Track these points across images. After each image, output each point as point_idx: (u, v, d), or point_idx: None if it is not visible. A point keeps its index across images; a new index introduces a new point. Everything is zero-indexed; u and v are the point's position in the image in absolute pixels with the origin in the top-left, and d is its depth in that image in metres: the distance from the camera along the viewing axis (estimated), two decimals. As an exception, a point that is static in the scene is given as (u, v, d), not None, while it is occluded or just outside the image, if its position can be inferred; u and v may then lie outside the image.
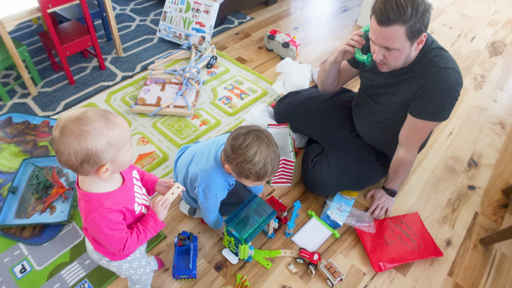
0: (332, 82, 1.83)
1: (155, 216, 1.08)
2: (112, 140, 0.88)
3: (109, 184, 0.99)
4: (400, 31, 1.27)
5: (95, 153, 0.86)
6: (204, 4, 2.71)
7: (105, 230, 0.97)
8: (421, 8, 1.24)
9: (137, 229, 1.05)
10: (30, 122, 2.19)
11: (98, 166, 0.89)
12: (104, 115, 0.88)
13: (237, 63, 2.74)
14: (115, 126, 0.88)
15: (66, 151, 0.84)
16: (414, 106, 1.48)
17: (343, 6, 3.68)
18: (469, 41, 3.26)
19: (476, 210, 1.89)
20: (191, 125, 2.22)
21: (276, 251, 1.63)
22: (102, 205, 0.95)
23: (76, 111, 0.87)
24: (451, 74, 1.38)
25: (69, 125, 0.84)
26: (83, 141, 0.83)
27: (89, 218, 0.96)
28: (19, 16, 2.05)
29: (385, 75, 1.58)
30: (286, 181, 1.90)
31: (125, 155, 0.94)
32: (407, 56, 1.39)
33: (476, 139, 2.30)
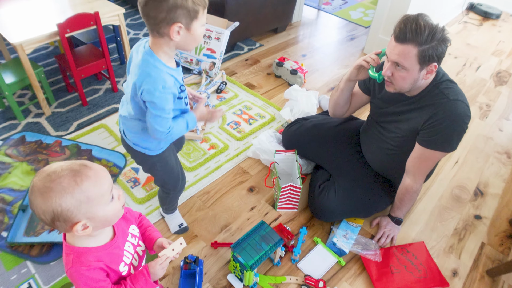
0: (344, 104, 1.86)
1: (148, 276, 0.99)
2: (80, 196, 0.81)
3: (94, 239, 0.93)
4: (412, 51, 1.32)
5: (61, 211, 0.80)
6: (216, 32, 2.80)
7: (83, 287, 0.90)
8: (437, 36, 1.30)
9: (124, 286, 0.98)
10: (43, 141, 2.24)
11: (71, 223, 0.83)
12: (76, 169, 0.82)
13: (246, 89, 2.80)
14: (84, 180, 0.81)
15: (35, 210, 0.81)
16: (422, 135, 1.51)
17: (350, 35, 3.76)
18: (474, 70, 3.31)
19: (483, 241, 1.88)
20: (199, 148, 2.26)
21: (281, 277, 1.63)
22: (80, 261, 0.89)
23: (51, 167, 0.83)
24: (460, 106, 1.42)
25: (37, 182, 0.81)
26: (48, 199, 0.79)
27: (68, 273, 0.90)
28: (38, 39, 2.13)
29: (395, 104, 1.62)
30: (292, 206, 1.91)
31: (104, 209, 0.86)
32: (414, 81, 1.42)
33: (482, 168, 2.31)
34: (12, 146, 2.19)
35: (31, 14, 2.30)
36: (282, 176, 2.05)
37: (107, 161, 2.13)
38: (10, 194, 1.92)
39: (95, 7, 2.37)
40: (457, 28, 4.04)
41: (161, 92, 1.15)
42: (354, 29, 3.90)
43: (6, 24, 2.18)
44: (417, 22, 1.30)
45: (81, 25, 2.23)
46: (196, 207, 1.92)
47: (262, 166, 2.19)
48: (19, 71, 2.31)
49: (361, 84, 1.81)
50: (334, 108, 1.92)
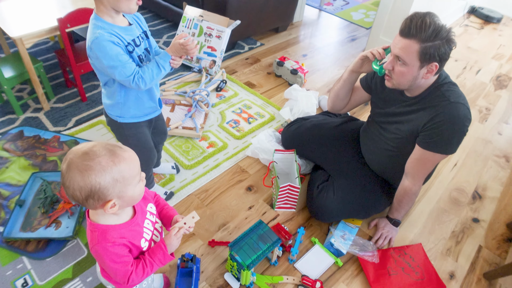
0: (344, 97, 1.84)
1: (165, 248, 1.05)
2: (117, 176, 0.86)
3: (117, 217, 0.98)
4: (414, 46, 1.33)
5: (99, 189, 0.85)
6: (217, 30, 2.79)
7: (108, 262, 0.95)
8: (441, 35, 1.30)
9: (143, 261, 1.03)
10: (41, 136, 2.23)
11: (104, 201, 0.88)
12: (112, 149, 0.87)
13: (246, 88, 2.79)
14: (121, 161, 0.87)
15: (71, 186, 0.85)
16: (422, 137, 1.51)
17: (351, 36, 3.76)
18: (474, 73, 3.31)
19: (480, 244, 1.88)
20: (198, 146, 2.25)
21: (278, 277, 1.63)
22: (105, 238, 0.94)
23: (84, 146, 0.87)
24: (461, 109, 1.42)
25: (75, 160, 0.84)
26: (87, 177, 0.83)
27: (93, 250, 0.95)
28: (39, 34, 2.12)
29: (396, 104, 1.62)
30: (290, 206, 1.91)
31: (133, 190, 0.92)
32: (412, 78, 1.42)
33: (480, 172, 2.31)
34: (10, 141, 2.17)
35: (32, 8, 2.29)
36: (280, 175, 2.05)
37: (105, 158, 2.12)
38: (7, 189, 1.91)
39: (96, 3, 2.35)
40: (458, 31, 4.04)
41: (100, 43, 1.24)
42: (355, 30, 3.90)
43: (6, 18, 2.17)
44: (423, 19, 1.30)
45: (81, 20, 2.22)
46: (194, 205, 1.92)
47: (261, 166, 2.18)
48: (19, 65, 2.30)
49: (363, 81, 1.82)
50: (334, 100, 1.90)
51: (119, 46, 1.28)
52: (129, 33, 1.34)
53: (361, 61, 1.67)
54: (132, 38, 1.34)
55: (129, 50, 1.33)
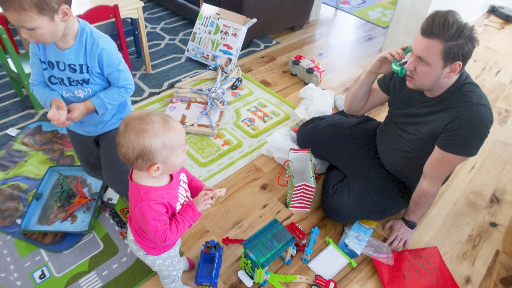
0: (361, 98, 1.83)
1: (193, 205, 1.13)
2: (167, 142, 0.96)
3: (157, 181, 1.07)
4: (437, 46, 1.31)
5: (150, 150, 0.94)
6: (233, 28, 2.80)
7: (150, 220, 1.03)
8: (465, 34, 1.28)
9: (175, 220, 1.10)
10: (59, 131, 2.27)
11: (151, 163, 0.97)
12: (164, 118, 0.97)
13: (261, 86, 2.79)
14: (171, 130, 0.97)
15: (125, 145, 0.94)
16: (443, 139, 1.48)
17: (368, 35, 3.72)
18: (493, 74, 3.25)
19: (498, 248, 1.85)
20: (213, 144, 2.26)
21: (291, 276, 1.62)
22: (149, 196, 1.03)
23: (141, 111, 0.98)
24: (483, 110, 1.39)
25: (132, 122, 0.94)
26: (141, 138, 0.93)
27: (137, 207, 1.03)
28: (58, 31, 2.15)
29: (416, 105, 1.59)
30: (305, 206, 1.90)
31: (177, 158, 1.02)
32: (436, 78, 1.40)
33: (499, 175, 2.27)
34: (29, 135, 2.22)
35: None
36: (295, 175, 2.04)
37: (122, 153, 2.14)
38: (26, 182, 1.94)
39: (115, 0, 2.38)
40: (478, 31, 3.95)
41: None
42: (372, 29, 3.86)
43: (27, 14, 2.20)
44: (446, 18, 1.28)
45: (100, 17, 2.25)
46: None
47: (276, 164, 2.18)
48: (38, 61, 2.34)
49: (381, 82, 1.80)
50: (351, 102, 1.88)
51: (35, 54, 1.31)
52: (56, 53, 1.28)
53: (379, 62, 1.65)
54: (58, 60, 1.28)
55: (43, 68, 1.32)
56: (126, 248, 1.69)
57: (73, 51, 1.26)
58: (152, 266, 1.30)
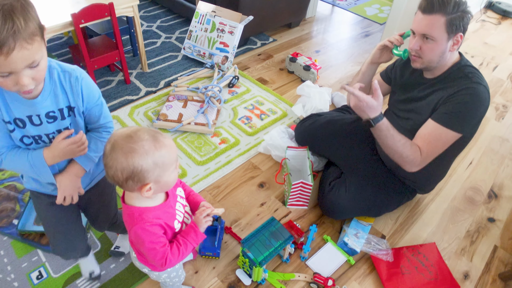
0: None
1: (195, 227, 1.09)
2: (158, 161, 0.90)
3: (152, 201, 1.02)
4: (441, 20, 1.37)
5: (140, 171, 0.88)
6: (229, 25, 2.78)
7: (147, 243, 0.99)
8: (462, 7, 1.36)
9: (177, 242, 1.06)
10: (55, 131, 2.25)
11: (142, 184, 0.91)
12: (154, 135, 0.91)
13: (258, 84, 2.78)
14: (162, 147, 0.91)
15: (113, 166, 0.88)
16: (438, 111, 1.48)
17: (365, 32, 3.71)
18: (491, 70, 3.25)
19: (496, 244, 1.85)
20: (210, 142, 2.25)
21: (290, 274, 1.62)
22: (143, 218, 0.98)
23: (128, 129, 0.91)
24: (482, 90, 1.41)
25: (119, 141, 0.88)
26: (130, 158, 0.87)
27: (132, 231, 0.99)
28: (53, 29, 2.14)
29: (417, 88, 1.61)
30: (303, 204, 1.90)
31: (170, 176, 0.96)
32: (441, 53, 1.44)
33: (496, 170, 2.27)
34: (25, 135, 2.20)
35: (46, 3, 2.31)
36: (293, 172, 2.04)
37: (118, 153, 2.13)
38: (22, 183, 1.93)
39: (110, -2, 2.37)
40: (475, 27, 3.96)
41: None
42: (369, 25, 3.85)
43: (21, 14, 2.19)
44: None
45: (95, 16, 2.23)
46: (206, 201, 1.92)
47: (273, 162, 2.17)
48: (34, 60, 2.32)
49: (383, 74, 1.84)
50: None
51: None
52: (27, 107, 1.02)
53: (379, 51, 1.69)
54: (31, 115, 1.03)
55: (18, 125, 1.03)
56: (124, 248, 1.69)
57: (46, 95, 1.02)
58: (158, 279, 1.29)
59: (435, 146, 1.48)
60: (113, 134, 0.91)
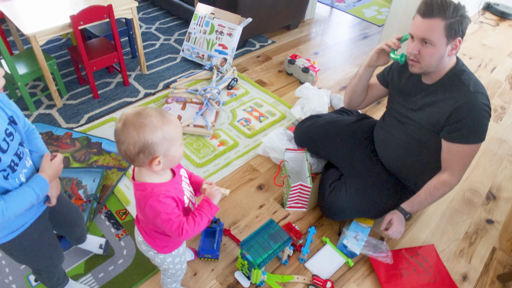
0: (361, 92, 1.83)
1: (209, 200, 1.15)
2: (166, 135, 0.96)
3: (161, 177, 1.08)
4: (440, 24, 1.36)
5: (151, 144, 0.94)
6: (228, 27, 2.79)
7: (163, 214, 1.03)
8: (461, 12, 1.36)
9: (192, 214, 1.11)
10: (54, 133, 2.26)
11: (152, 157, 0.97)
12: (160, 112, 0.98)
13: (257, 86, 2.78)
14: (169, 123, 0.98)
15: (126, 141, 0.94)
16: (447, 131, 1.50)
17: (363, 33, 3.72)
18: (489, 71, 3.25)
19: (494, 245, 1.85)
20: (209, 145, 2.25)
21: (289, 276, 1.62)
22: (155, 192, 1.03)
23: (136, 108, 0.97)
24: (481, 98, 1.43)
25: (130, 118, 0.94)
26: (142, 133, 0.93)
27: (147, 205, 1.03)
28: (52, 31, 2.14)
29: (415, 95, 1.61)
30: (301, 206, 1.90)
31: (177, 150, 1.02)
32: (440, 57, 1.43)
33: (495, 172, 2.27)
34: (24, 137, 2.20)
35: (45, 5, 2.31)
36: (291, 174, 2.04)
37: (117, 155, 2.13)
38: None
39: (109, 0, 2.37)
40: (473, 28, 3.97)
41: None
42: (367, 27, 3.86)
43: (20, 15, 2.19)
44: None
45: (94, 18, 2.24)
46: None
47: (272, 164, 2.17)
48: (32, 62, 2.32)
49: (380, 76, 1.82)
50: (350, 97, 1.88)
51: None
52: None
53: (376, 54, 1.68)
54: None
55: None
56: (122, 250, 1.68)
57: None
58: (161, 265, 1.31)
59: (464, 163, 1.55)
60: (123, 113, 0.97)
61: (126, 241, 1.72)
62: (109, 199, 1.91)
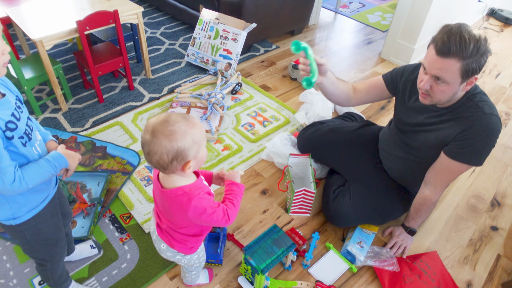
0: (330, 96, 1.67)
1: (233, 182, 1.22)
2: (195, 138, 0.99)
3: (189, 179, 1.12)
4: (456, 65, 1.26)
5: (183, 150, 0.97)
6: (233, 33, 2.80)
7: (208, 209, 1.08)
8: (482, 50, 1.24)
9: (228, 199, 1.18)
10: (59, 136, 2.27)
11: (185, 161, 1.00)
12: (184, 116, 1.01)
13: (261, 91, 2.79)
14: (195, 125, 1.00)
15: (158, 151, 0.96)
16: (452, 147, 1.46)
17: (367, 39, 3.73)
18: (493, 77, 3.25)
19: (499, 252, 1.84)
20: (213, 149, 2.26)
21: (292, 282, 1.62)
22: (194, 191, 1.07)
23: (160, 116, 1.00)
24: (495, 122, 1.38)
25: (158, 127, 0.96)
26: (174, 141, 0.96)
27: (191, 206, 1.06)
28: (58, 36, 2.16)
29: (425, 114, 1.56)
30: (305, 211, 1.90)
31: (203, 151, 1.06)
32: (453, 94, 1.37)
33: (499, 178, 2.26)
34: (29, 141, 2.21)
35: (52, 10, 2.33)
36: (295, 180, 2.04)
37: (121, 159, 2.14)
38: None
39: (114, 6, 2.39)
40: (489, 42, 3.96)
41: None
42: (371, 33, 3.86)
43: (26, 20, 2.22)
44: (461, 35, 1.22)
45: (100, 23, 2.25)
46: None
47: (276, 169, 2.17)
48: (38, 66, 2.34)
49: (388, 78, 1.71)
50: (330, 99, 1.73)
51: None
52: (5, 106, 0.99)
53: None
54: (11, 112, 1.00)
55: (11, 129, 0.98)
56: (126, 254, 1.69)
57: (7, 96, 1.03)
58: (187, 264, 1.37)
59: (449, 178, 1.57)
60: (148, 123, 0.99)
61: (130, 245, 1.72)
62: (113, 203, 1.91)
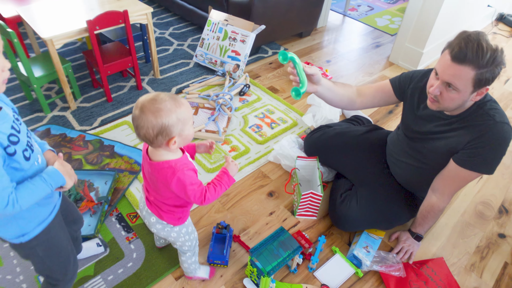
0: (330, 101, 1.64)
1: (227, 172, 1.27)
2: (180, 116, 1.07)
3: (175, 154, 1.18)
4: (470, 73, 1.24)
5: (167, 126, 1.05)
6: (241, 34, 2.81)
7: (188, 185, 1.15)
8: (498, 60, 1.22)
9: (213, 183, 1.24)
10: (67, 135, 2.28)
11: (169, 137, 1.08)
12: (172, 96, 1.08)
13: (269, 92, 2.79)
14: (181, 105, 1.08)
15: (145, 126, 1.05)
16: (462, 155, 1.44)
17: (376, 42, 3.72)
18: (502, 83, 3.23)
19: (506, 260, 1.83)
20: (220, 150, 2.26)
21: (297, 285, 1.61)
22: (178, 166, 1.14)
23: (149, 94, 1.08)
24: (507, 130, 1.36)
25: (146, 104, 1.05)
26: (159, 117, 1.04)
27: (175, 179, 1.13)
28: (68, 35, 2.18)
29: (434, 122, 1.55)
30: (312, 214, 1.89)
31: (189, 130, 1.13)
32: (462, 102, 1.35)
33: (507, 185, 2.24)
34: (38, 138, 2.23)
35: (62, 10, 2.35)
36: (302, 182, 2.04)
37: (129, 158, 2.15)
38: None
39: (124, 6, 2.40)
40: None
41: None
42: (380, 36, 3.85)
43: (37, 19, 2.23)
44: (479, 43, 1.20)
45: (110, 23, 2.27)
46: (215, 209, 1.92)
47: (283, 171, 2.17)
48: (48, 65, 2.36)
49: (395, 83, 1.68)
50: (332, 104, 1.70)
51: None
52: (4, 120, 0.97)
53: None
54: (10, 125, 0.98)
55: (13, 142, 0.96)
56: (132, 253, 1.69)
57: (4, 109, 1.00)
58: (178, 239, 1.39)
59: (457, 185, 1.56)
60: (138, 100, 1.07)
61: (136, 244, 1.73)
62: (120, 202, 1.92)
